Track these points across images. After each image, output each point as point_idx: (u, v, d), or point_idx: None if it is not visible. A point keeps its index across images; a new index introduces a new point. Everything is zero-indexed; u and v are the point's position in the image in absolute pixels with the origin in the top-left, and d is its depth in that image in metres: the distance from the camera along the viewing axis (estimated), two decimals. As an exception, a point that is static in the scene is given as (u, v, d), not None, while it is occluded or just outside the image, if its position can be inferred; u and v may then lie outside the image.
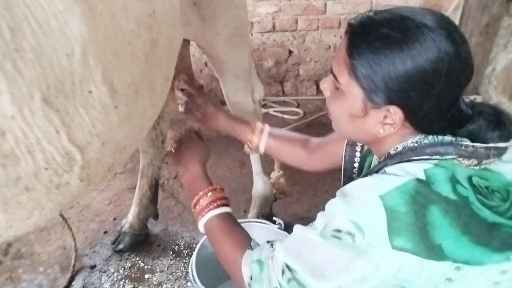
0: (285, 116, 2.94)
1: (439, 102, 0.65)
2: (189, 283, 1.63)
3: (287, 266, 0.69)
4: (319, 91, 3.28)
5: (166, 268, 1.71)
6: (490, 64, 2.67)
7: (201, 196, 0.91)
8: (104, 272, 1.70)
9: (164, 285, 1.63)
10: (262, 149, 1.12)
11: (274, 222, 1.33)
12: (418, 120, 0.67)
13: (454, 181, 0.63)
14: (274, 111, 3.00)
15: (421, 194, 0.61)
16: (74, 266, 1.68)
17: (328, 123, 0.82)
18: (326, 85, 0.75)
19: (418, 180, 0.62)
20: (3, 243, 1.78)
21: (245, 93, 1.59)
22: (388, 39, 0.62)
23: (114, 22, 0.68)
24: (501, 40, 2.57)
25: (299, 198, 2.08)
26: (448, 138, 0.67)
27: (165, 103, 1.75)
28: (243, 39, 1.44)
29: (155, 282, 1.64)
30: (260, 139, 1.11)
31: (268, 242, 0.78)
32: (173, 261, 1.73)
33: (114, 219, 2.00)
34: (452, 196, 0.62)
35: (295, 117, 2.91)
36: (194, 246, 1.67)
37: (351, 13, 2.95)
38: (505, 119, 0.69)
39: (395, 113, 0.66)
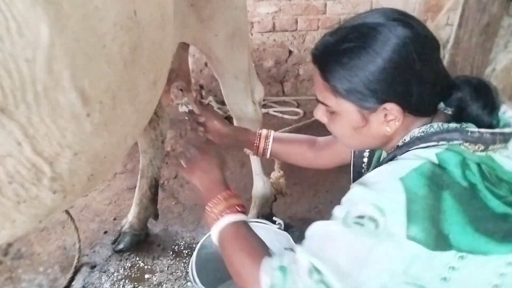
0: (285, 116, 2.94)
1: (424, 81, 0.68)
2: (189, 283, 1.63)
3: (315, 268, 0.66)
4: (319, 91, 3.28)
5: (166, 268, 1.71)
6: (490, 64, 2.67)
7: (219, 201, 0.87)
8: (104, 272, 1.70)
9: (164, 285, 1.63)
10: (268, 154, 1.16)
11: (274, 222, 1.33)
12: (414, 105, 0.70)
13: (464, 166, 0.65)
14: (274, 111, 3.00)
15: (436, 177, 0.63)
16: (76, 266, 1.68)
17: (328, 123, 0.82)
18: (320, 114, 0.79)
19: (432, 163, 0.64)
20: (2, 244, 1.78)
21: (245, 94, 1.58)
22: (352, 51, 0.67)
23: (85, 23, 0.63)
24: (501, 40, 2.57)
25: (299, 198, 2.08)
26: (453, 125, 0.70)
27: (164, 104, 1.75)
28: (242, 40, 1.44)
29: (155, 282, 1.64)
30: (266, 145, 1.14)
31: (286, 249, 0.76)
32: (173, 261, 1.73)
33: (114, 219, 2.00)
34: (463, 182, 0.63)
35: (295, 117, 2.91)
36: (194, 246, 1.67)
37: (351, 13, 2.95)
38: (489, 88, 0.73)
39: (392, 109, 0.69)
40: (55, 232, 1.91)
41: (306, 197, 2.08)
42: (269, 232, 1.32)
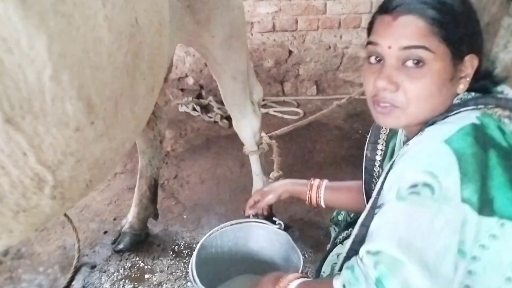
0: (285, 116, 2.94)
1: (482, 41, 0.74)
2: (189, 283, 1.62)
3: (376, 252, 0.62)
4: (319, 91, 3.28)
5: (166, 268, 1.71)
6: (490, 64, 2.67)
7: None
8: (104, 272, 1.70)
9: (164, 285, 1.63)
10: (323, 204, 1.18)
11: (274, 222, 1.33)
12: (480, 64, 0.74)
13: (501, 130, 0.66)
14: (274, 111, 3.00)
15: (481, 136, 0.64)
16: (76, 266, 1.68)
17: (328, 123, 0.82)
18: (388, 78, 0.71)
19: (475, 124, 0.65)
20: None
21: (243, 94, 1.58)
22: None
23: (94, 33, 0.64)
24: (501, 40, 2.57)
25: (299, 198, 2.08)
26: (478, 94, 0.73)
27: (162, 103, 1.75)
28: (240, 41, 1.43)
29: (155, 282, 1.64)
30: (319, 194, 1.18)
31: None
32: (173, 261, 1.73)
33: (114, 219, 2.00)
34: (504, 143, 0.64)
35: (295, 117, 2.91)
36: (194, 246, 1.67)
37: (351, 13, 2.95)
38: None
39: (473, 61, 0.73)
40: (55, 232, 1.91)
41: (306, 197, 2.08)
42: (269, 232, 1.32)
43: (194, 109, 3.02)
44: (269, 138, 1.89)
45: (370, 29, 0.79)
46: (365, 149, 1.01)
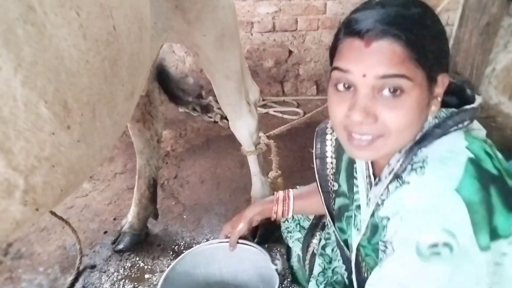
0: (285, 116, 2.95)
1: (449, 56, 0.71)
2: (189, 283, 1.62)
3: None
4: (319, 91, 3.28)
5: (166, 268, 1.71)
6: (490, 64, 2.67)
7: None
8: (104, 272, 1.70)
9: (164, 285, 1.63)
10: (290, 215, 1.17)
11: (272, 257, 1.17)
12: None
13: (487, 153, 0.65)
14: (274, 111, 3.00)
15: (481, 175, 0.62)
16: (78, 268, 1.68)
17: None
18: (365, 111, 0.66)
19: (471, 159, 0.63)
20: (3, 243, 1.78)
21: (238, 94, 1.57)
22: (421, 16, 0.65)
23: (69, 41, 0.65)
24: (501, 40, 2.57)
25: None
26: (452, 109, 0.72)
27: (158, 102, 1.74)
28: (233, 39, 1.42)
29: (155, 282, 1.64)
30: (287, 207, 1.16)
31: None
32: (173, 261, 1.73)
33: (114, 219, 2.00)
34: (494, 171, 0.63)
35: (295, 117, 2.91)
36: (194, 246, 1.67)
37: (351, 13, 2.95)
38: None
39: (445, 80, 0.69)
40: (55, 232, 1.91)
41: (306, 197, 2.08)
42: (253, 254, 1.21)
43: (194, 109, 3.02)
44: (267, 138, 1.89)
45: (333, 49, 0.72)
46: (314, 164, 0.96)
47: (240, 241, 1.20)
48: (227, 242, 1.21)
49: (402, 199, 0.66)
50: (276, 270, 1.08)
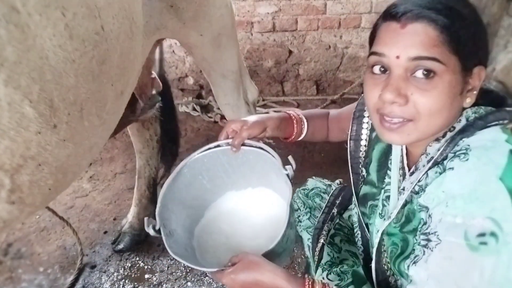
0: (285, 116, 2.94)
1: (489, 51, 0.72)
2: (189, 283, 1.62)
3: None
4: (319, 91, 3.28)
5: (166, 268, 1.71)
6: (490, 64, 2.67)
7: None
8: (104, 272, 1.70)
9: (164, 285, 1.63)
10: (302, 137, 1.07)
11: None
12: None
13: None
14: (274, 111, 3.00)
15: None
16: (79, 268, 1.68)
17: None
18: (396, 91, 0.67)
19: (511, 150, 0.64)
20: (3, 243, 1.78)
21: (236, 94, 1.56)
22: (461, 2, 0.68)
23: (54, 42, 0.65)
24: (501, 40, 2.57)
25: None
26: (489, 107, 0.72)
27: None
28: (230, 39, 1.41)
29: (155, 282, 1.64)
30: (302, 126, 1.05)
31: None
32: (173, 261, 1.73)
33: (114, 219, 2.00)
34: None
35: (295, 117, 2.91)
36: (194, 246, 1.67)
37: (351, 13, 2.95)
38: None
39: (481, 73, 0.70)
40: (55, 232, 1.91)
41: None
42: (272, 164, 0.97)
43: (194, 109, 3.02)
44: (266, 138, 1.88)
45: (372, 36, 0.74)
46: (348, 146, 0.95)
47: (247, 142, 0.97)
48: (227, 147, 0.97)
49: (445, 185, 0.66)
50: (287, 175, 0.91)
